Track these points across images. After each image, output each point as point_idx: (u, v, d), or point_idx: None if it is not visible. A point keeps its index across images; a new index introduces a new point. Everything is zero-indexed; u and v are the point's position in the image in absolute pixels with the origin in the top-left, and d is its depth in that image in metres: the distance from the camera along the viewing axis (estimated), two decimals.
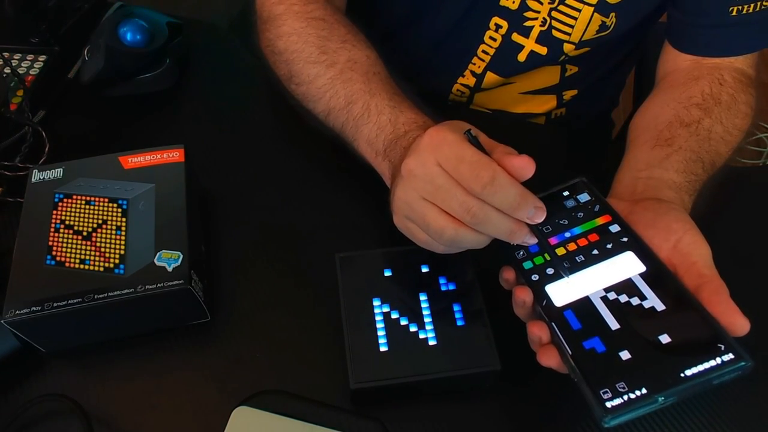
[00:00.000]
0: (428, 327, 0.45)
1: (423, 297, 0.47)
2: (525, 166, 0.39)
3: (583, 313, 0.39)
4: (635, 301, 0.38)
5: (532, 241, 0.42)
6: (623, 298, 0.38)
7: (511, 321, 0.42)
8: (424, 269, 0.48)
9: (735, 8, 0.56)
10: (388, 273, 0.48)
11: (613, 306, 0.38)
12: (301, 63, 0.55)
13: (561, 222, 0.44)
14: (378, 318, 0.46)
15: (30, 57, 0.67)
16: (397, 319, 0.46)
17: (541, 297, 0.40)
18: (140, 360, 0.48)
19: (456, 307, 0.46)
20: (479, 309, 0.46)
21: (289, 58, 0.57)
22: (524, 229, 0.41)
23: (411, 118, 0.49)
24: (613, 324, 0.37)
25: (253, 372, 0.47)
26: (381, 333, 0.45)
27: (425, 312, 0.46)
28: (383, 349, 0.44)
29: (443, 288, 0.47)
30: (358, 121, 0.51)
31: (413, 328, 0.45)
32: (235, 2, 0.67)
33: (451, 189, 0.39)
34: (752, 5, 0.55)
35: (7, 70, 0.63)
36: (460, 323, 0.46)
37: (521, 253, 0.43)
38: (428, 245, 0.44)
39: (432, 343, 0.45)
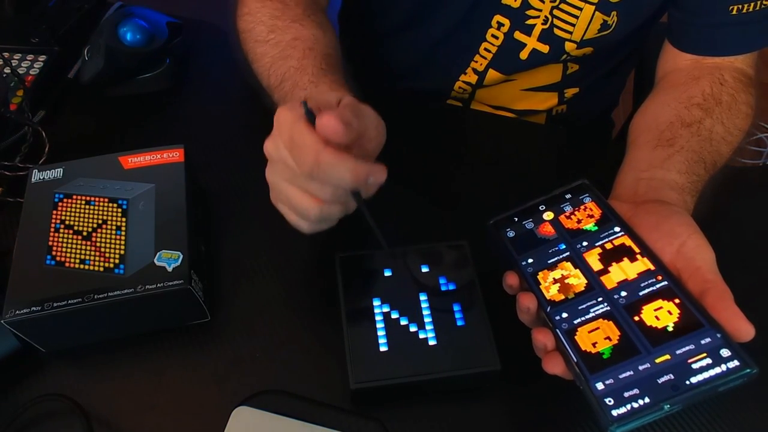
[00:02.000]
0: (428, 327, 0.45)
1: (423, 297, 0.47)
2: (328, 125, 0.36)
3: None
4: (639, 306, 0.38)
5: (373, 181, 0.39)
6: (627, 304, 0.38)
7: (511, 321, 0.42)
8: (424, 269, 0.48)
9: (735, 7, 0.56)
10: (388, 273, 0.48)
11: (617, 312, 0.38)
12: (252, 42, 0.57)
13: (563, 225, 0.44)
14: (378, 318, 0.46)
15: (30, 57, 0.67)
16: (397, 319, 0.46)
17: (546, 303, 0.40)
18: (140, 360, 0.48)
19: (456, 307, 0.46)
20: (479, 309, 0.46)
21: (246, 37, 0.58)
22: (373, 169, 0.39)
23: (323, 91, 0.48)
24: (618, 331, 0.37)
25: (253, 372, 0.47)
26: (381, 333, 0.45)
27: (425, 312, 0.46)
28: (383, 349, 0.44)
29: (443, 288, 0.47)
30: (286, 98, 0.51)
31: (413, 328, 0.45)
32: (235, 2, 0.67)
33: (280, 168, 0.40)
34: (752, 4, 0.55)
35: (7, 70, 0.63)
36: (460, 323, 0.46)
37: (528, 260, 0.43)
38: (299, 226, 0.43)
39: (432, 343, 0.45)
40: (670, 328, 0.36)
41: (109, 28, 0.63)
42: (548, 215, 0.45)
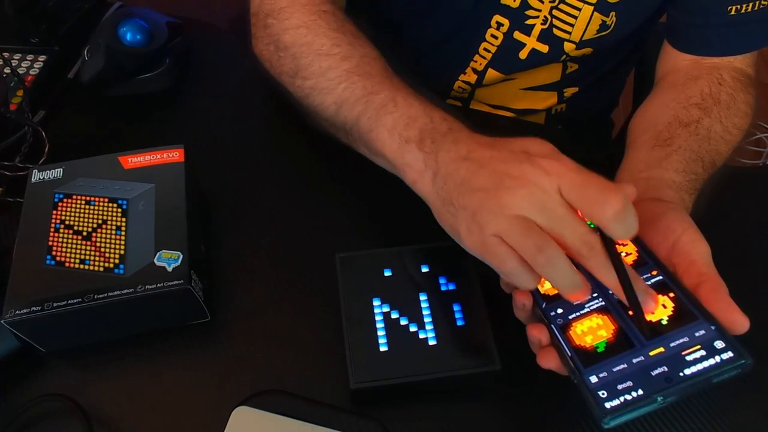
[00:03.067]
0: (428, 327, 0.45)
1: (423, 297, 0.47)
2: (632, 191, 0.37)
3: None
4: None
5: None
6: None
7: (511, 321, 0.42)
8: (424, 269, 0.48)
9: (734, 7, 0.56)
10: (388, 273, 0.48)
11: (612, 306, 0.38)
12: (312, 56, 0.53)
13: None
14: (378, 318, 0.46)
15: (30, 57, 0.67)
16: (397, 319, 0.46)
17: (541, 300, 0.40)
18: (140, 360, 0.48)
19: (456, 307, 0.46)
20: (479, 309, 0.46)
21: (297, 51, 0.54)
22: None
23: (444, 116, 0.46)
24: (612, 325, 0.37)
25: (253, 372, 0.47)
26: (381, 333, 0.45)
27: (425, 312, 0.46)
28: (383, 349, 0.44)
29: (443, 288, 0.47)
30: (380, 111, 0.47)
31: (413, 328, 0.45)
32: (235, 2, 0.67)
33: (573, 222, 0.36)
34: (751, 4, 0.55)
35: (7, 70, 0.63)
36: (460, 323, 0.46)
37: None
38: (504, 269, 0.38)
39: (432, 343, 0.45)
40: (664, 322, 0.36)
41: (109, 28, 0.63)
42: None
